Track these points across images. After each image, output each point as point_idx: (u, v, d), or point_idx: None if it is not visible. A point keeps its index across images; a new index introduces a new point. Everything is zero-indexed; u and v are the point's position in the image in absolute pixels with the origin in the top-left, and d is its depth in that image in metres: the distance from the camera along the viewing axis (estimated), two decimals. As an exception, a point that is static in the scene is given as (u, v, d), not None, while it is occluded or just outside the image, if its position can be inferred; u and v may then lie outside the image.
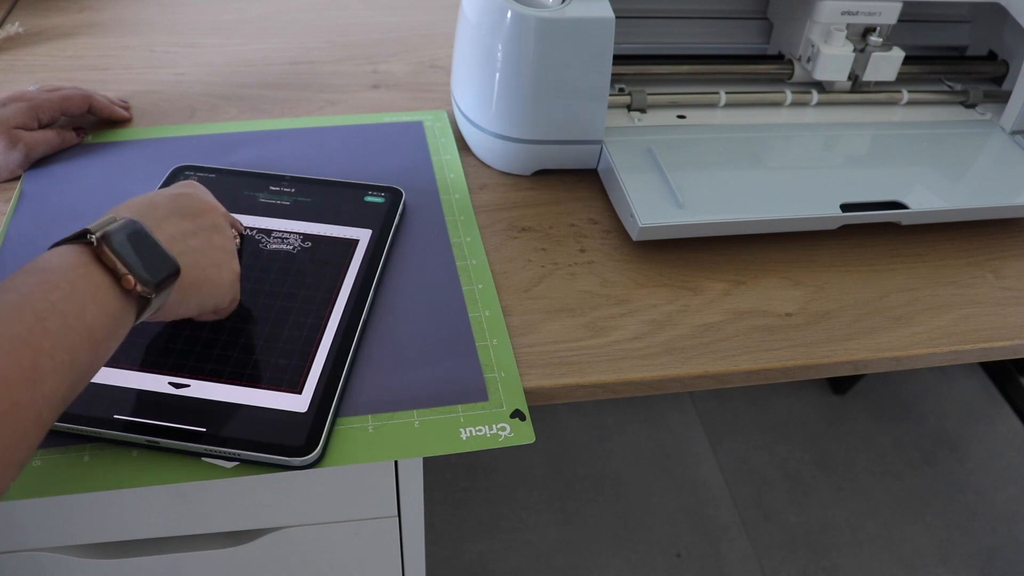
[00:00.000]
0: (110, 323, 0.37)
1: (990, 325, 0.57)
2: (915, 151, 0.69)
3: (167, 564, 0.54)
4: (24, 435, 0.32)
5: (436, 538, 1.23)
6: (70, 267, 0.36)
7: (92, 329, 0.35)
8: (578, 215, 0.63)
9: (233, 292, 0.48)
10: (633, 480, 1.33)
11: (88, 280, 0.36)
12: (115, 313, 0.37)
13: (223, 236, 0.47)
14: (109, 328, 0.37)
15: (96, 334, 0.36)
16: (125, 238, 0.38)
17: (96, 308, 0.36)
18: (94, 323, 0.36)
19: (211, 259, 0.45)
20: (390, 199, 0.61)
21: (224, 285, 0.46)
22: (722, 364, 0.52)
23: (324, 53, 0.81)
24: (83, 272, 0.36)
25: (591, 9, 0.58)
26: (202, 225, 0.45)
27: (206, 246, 0.45)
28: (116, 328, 0.37)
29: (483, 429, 0.47)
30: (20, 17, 0.83)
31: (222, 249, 0.46)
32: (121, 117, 0.68)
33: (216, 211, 0.48)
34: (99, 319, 0.36)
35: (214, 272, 0.45)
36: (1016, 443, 1.45)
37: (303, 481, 0.50)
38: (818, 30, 0.69)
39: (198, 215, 0.46)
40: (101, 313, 0.36)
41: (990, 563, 1.26)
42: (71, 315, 0.35)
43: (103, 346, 0.37)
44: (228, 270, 0.46)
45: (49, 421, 0.34)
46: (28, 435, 0.32)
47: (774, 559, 1.24)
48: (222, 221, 0.48)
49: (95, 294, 0.36)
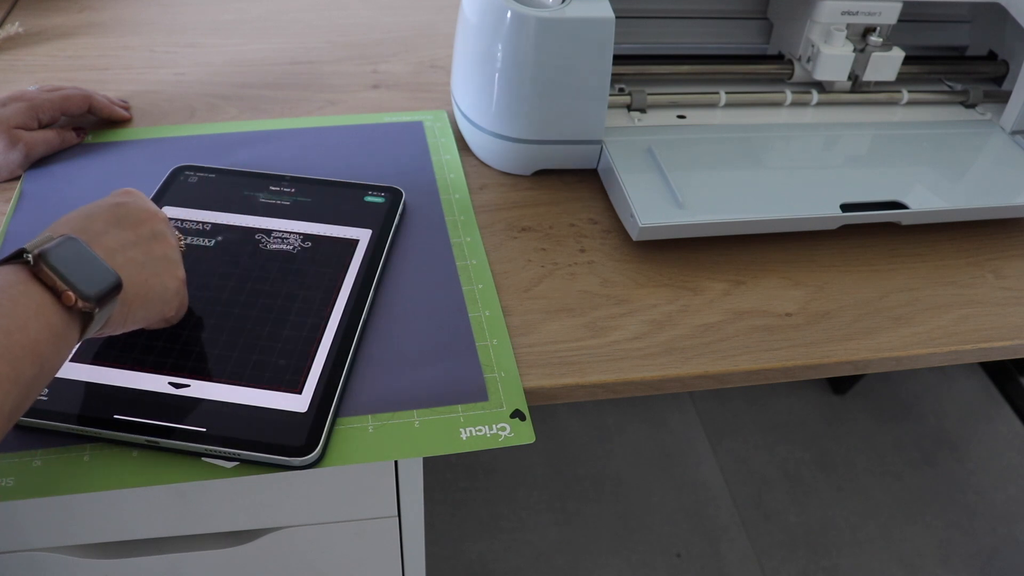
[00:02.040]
0: (53, 339, 0.36)
1: (990, 325, 0.57)
2: (915, 151, 0.69)
3: (167, 564, 0.54)
4: None
5: (436, 538, 1.23)
6: (9, 285, 0.36)
7: (36, 344, 0.35)
8: (578, 215, 0.63)
9: (179, 299, 0.47)
10: (633, 480, 1.33)
11: (28, 297, 0.36)
12: (58, 329, 0.37)
13: (165, 244, 0.46)
14: (53, 344, 0.36)
15: (40, 349, 0.36)
16: (62, 254, 0.38)
17: (39, 324, 0.36)
18: (37, 338, 0.36)
19: (153, 269, 0.44)
20: (390, 199, 0.61)
21: (169, 293, 0.45)
22: (722, 364, 0.52)
23: (324, 53, 0.81)
24: (23, 290, 0.36)
25: (591, 9, 0.58)
26: (142, 235, 0.45)
27: (147, 256, 0.44)
28: (60, 344, 0.37)
29: (483, 429, 0.47)
30: (20, 17, 0.83)
31: (164, 258, 0.45)
32: (121, 117, 0.68)
33: (156, 218, 0.47)
34: (42, 335, 0.36)
35: (157, 282, 0.44)
36: (1016, 443, 1.45)
37: (303, 481, 0.50)
38: (818, 30, 0.69)
39: (137, 225, 0.45)
40: (44, 329, 0.36)
41: (990, 563, 1.26)
42: (14, 330, 0.35)
43: (49, 361, 0.36)
44: (172, 278, 0.46)
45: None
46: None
47: (774, 559, 1.24)
48: (163, 228, 0.47)
49: (36, 311, 0.36)
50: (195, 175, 0.61)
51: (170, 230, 0.48)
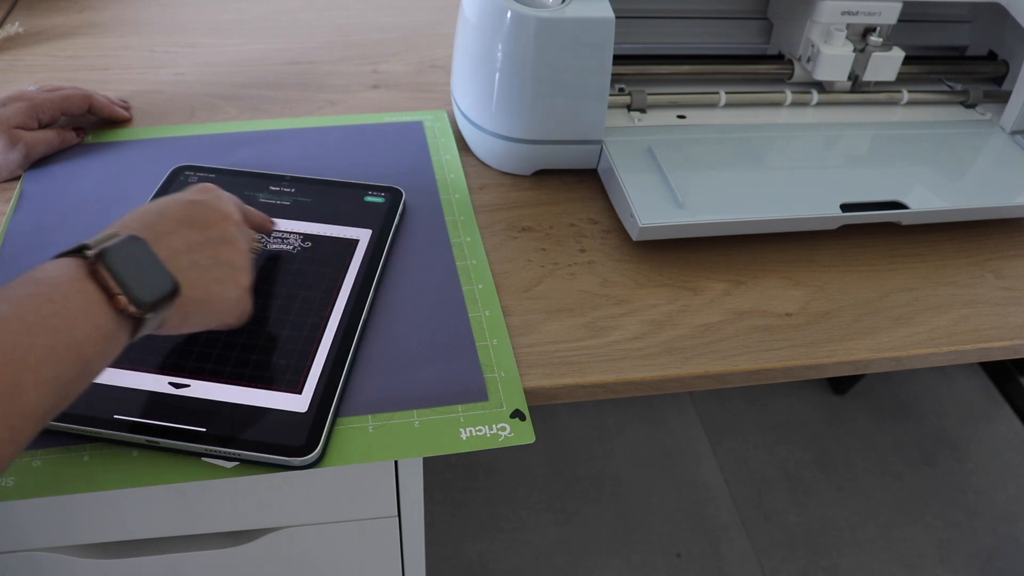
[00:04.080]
0: (101, 340, 0.36)
1: (990, 325, 0.57)
2: (915, 151, 0.69)
3: (167, 564, 0.54)
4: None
5: (436, 538, 1.23)
6: (65, 281, 0.35)
7: (82, 345, 0.35)
8: (578, 215, 0.63)
9: (240, 308, 0.46)
10: (633, 480, 1.33)
11: (82, 295, 0.36)
12: (107, 331, 0.36)
13: (233, 249, 0.45)
14: (100, 345, 0.36)
15: (86, 351, 0.35)
16: (122, 255, 0.37)
17: (87, 325, 0.35)
18: (84, 339, 0.35)
19: (216, 275, 0.43)
20: (390, 199, 0.61)
21: (230, 302, 0.44)
22: (722, 364, 0.52)
23: (324, 53, 0.81)
24: (78, 287, 0.36)
25: (591, 9, 0.58)
26: (211, 238, 0.44)
27: (212, 260, 0.43)
28: (108, 346, 0.37)
29: (483, 429, 0.47)
30: (20, 17, 0.83)
31: (229, 264, 0.44)
32: (121, 117, 0.68)
33: (228, 221, 0.46)
34: (90, 336, 0.35)
35: (219, 289, 0.43)
36: (1016, 443, 1.45)
37: (303, 481, 0.50)
38: (818, 30, 0.69)
39: (208, 226, 0.44)
40: (92, 330, 0.35)
41: (990, 563, 1.26)
42: (61, 330, 0.34)
43: (92, 363, 0.36)
44: (235, 286, 0.45)
45: (26, 437, 0.33)
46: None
47: (774, 559, 1.24)
48: (234, 232, 0.46)
49: (88, 310, 0.35)
50: (195, 175, 0.61)
51: (243, 234, 0.47)
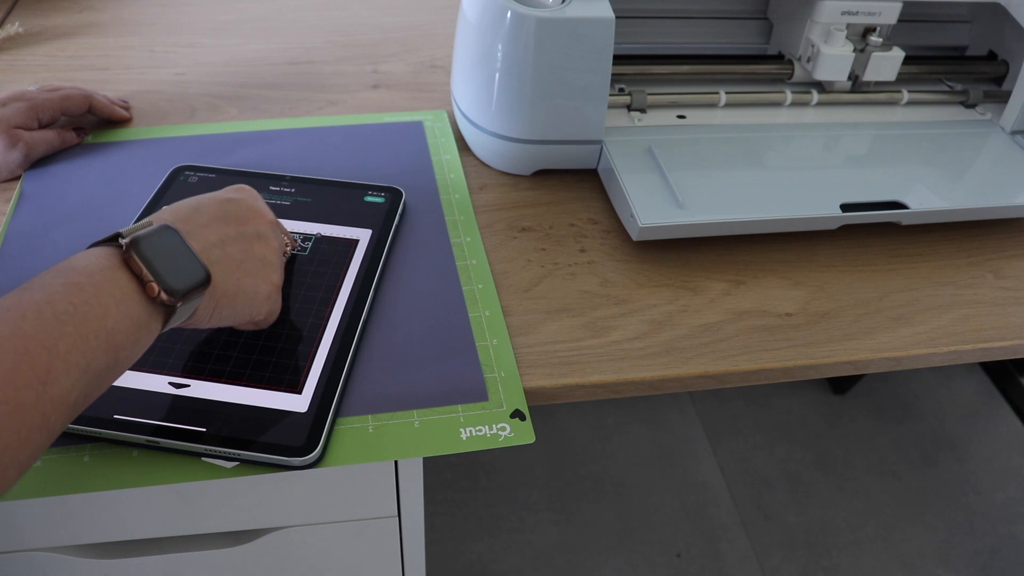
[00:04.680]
0: (133, 329, 0.36)
1: (990, 325, 0.57)
2: (915, 151, 0.69)
3: (167, 564, 0.54)
4: (27, 438, 0.32)
5: (436, 538, 1.23)
6: (97, 269, 0.36)
7: (113, 334, 0.35)
8: (578, 215, 0.63)
9: (270, 305, 0.46)
10: (633, 480, 1.33)
11: (114, 284, 0.36)
12: (139, 319, 0.37)
13: (266, 246, 0.45)
14: (132, 334, 0.36)
15: (117, 339, 0.35)
16: (155, 244, 0.38)
17: (119, 313, 0.35)
18: (115, 328, 0.35)
19: (248, 269, 0.43)
20: (390, 199, 0.61)
21: (260, 297, 0.45)
22: (722, 364, 0.52)
23: (324, 53, 0.81)
24: (109, 276, 0.36)
25: (591, 9, 0.58)
26: (245, 233, 0.44)
27: (245, 255, 0.44)
28: (140, 334, 0.37)
29: (483, 429, 0.47)
30: (20, 17, 0.83)
31: (261, 260, 0.45)
32: (121, 117, 0.68)
33: (262, 218, 0.46)
34: (121, 324, 0.35)
35: (249, 283, 0.44)
36: (1016, 443, 1.45)
37: (303, 481, 0.50)
38: (818, 30, 0.69)
39: (242, 222, 0.44)
40: (124, 318, 0.36)
41: (990, 563, 1.26)
42: (92, 318, 0.34)
43: (124, 352, 0.36)
44: (266, 282, 0.45)
45: (58, 425, 0.33)
46: (31, 438, 0.32)
47: (774, 559, 1.24)
48: (267, 230, 0.46)
49: (120, 298, 0.36)
50: (195, 175, 0.61)
51: (276, 233, 0.47)
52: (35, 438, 0.32)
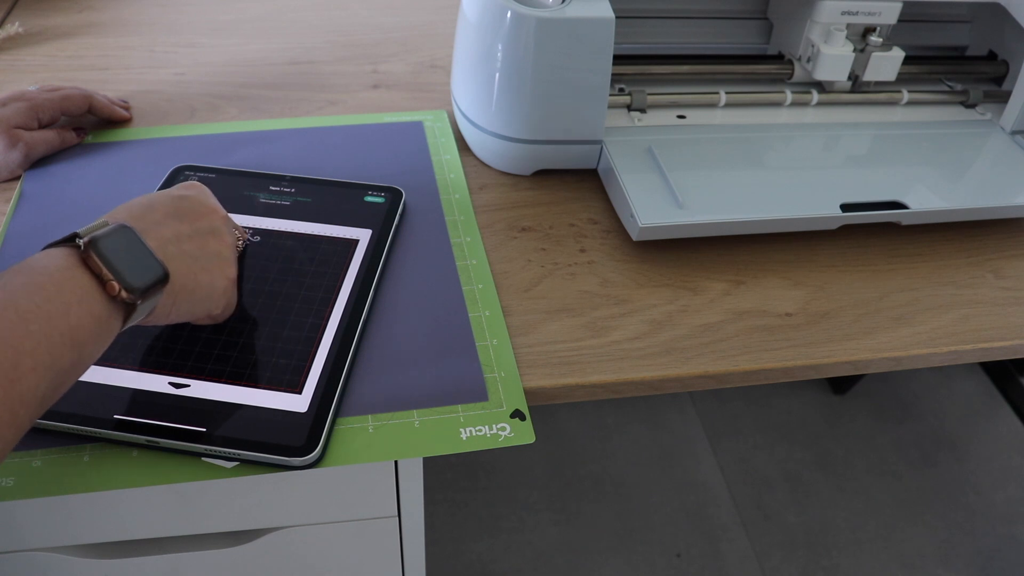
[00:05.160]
0: (95, 326, 0.37)
1: (990, 325, 0.57)
2: (915, 151, 0.69)
3: (167, 564, 0.54)
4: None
5: (436, 538, 1.23)
6: (56, 269, 0.36)
7: (76, 330, 0.35)
8: (578, 215, 0.63)
9: (227, 299, 0.47)
10: (633, 480, 1.33)
11: (74, 283, 0.36)
12: (100, 317, 0.37)
13: (220, 241, 0.46)
14: (94, 331, 0.37)
15: (80, 336, 0.36)
16: (113, 243, 0.38)
17: (81, 311, 0.36)
18: (78, 325, 0.36)
19: (204, 265, 0.44)
20: (390, 199, 0.61)
21: (217, 291, 0.45)
22: (722, 364, 0.52)
23: (324, 53, 0.81)
24: (69, 275, 0.36)
25: (591, 9, 0.58)
26: (199, 229, 0.45)
27: (200, 251, 0.44)
28: (101, 332, 0.37)
29: (483, 429, 0.47)
30: (20, 17, 0.83)
31: (216, 255, 0.45)
32: (121, 117, 0.68)
33: (215, 214, 0.47)
34: (84, 322, 0.36)
35: (206, 278, 0.44)
36: (1016, 443, 1.45)
37: (303, 481, 0.50)
38: (818, 30, 0.69)
39: (196, 218, 0.45)
40: (86, 316, 0.36)
41: (990, 563, 1.26)
42: (55, 316, 0.35)
43: (87, 348, 0.36)
44: (221, 276, 0.46)
45: (26, 421, 0.34)
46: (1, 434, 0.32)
47: (774, 559, 1.24)
48: (221, 225, 0.47)
49: (81, 297, 0.36)
50: (195, 175, 0.61)
51: (228, 228, 0.48)
52: (5, 434, 0.32)
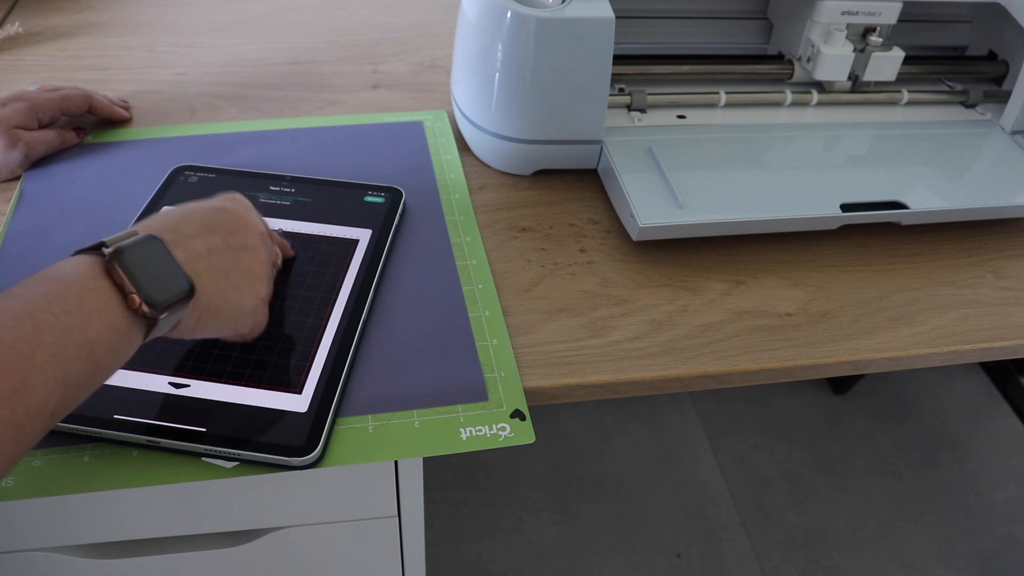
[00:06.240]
0: (114, 339, 0.36)
1: (990, 325, 0.57)
2: (915, 151, 0.69)
3: (167, 564, 0.54)
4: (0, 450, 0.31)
5: (436, 538, 1.23)
6: (79, 278, 0.36)
7: (93, 344, 0.35)
8: (578, 215, 0.63)
9: (256, 318, 0.46)
10: (633, 480, 1.33)
11: (95, 294, 0.36)
12: (120, 330, 0.36)
13: (253, 258, 0.45)
14: (112, 344, 0.36)
15: (97, 349, 0.35)
16: (139, 255, 0.37)
17: (100, 323, 0.35)
18: (96, 338, 0.35)
19: (234, 282, 0.43)
20: (390, 199, 0.61)
21: (246, 310, 0.44)
22: (722, 364, 0.52)
23: (324, 53, 0.81)
24: (92, 285, 0.36)
25: (591, 9, 0.58)
26: (232, 244, 0.43)
27: (232, 267, 0.43)
28: (120, 345, 0.37)
29: (483, 429, 0.47)
30: (20, 17, 0.83)
31: (248, 272, 0.44)
32: (121, 117, 0.68)
33: (252, 229, 0.45)
34: (102, 334, 0.35)
35: (235, 296, 0.43)
36: (1016, 443, 1.45)
37: (303, 481, 0.50)
38: (818, 30, 0.69)
39: (231, 232, 0.44)
40: (105, 329, 0.35)
41: (990, 563, 1.26)
42: (72, 329, 0.34)
43: (104, 362, 0.36)
44: (252, 295, 0.44)
45: (33, 436, 0.33)
46: (4, 450, 0.31)
47: (774, 559, 1.24)
48: (257, 241, 0.45)
49: (101, 309, 0.35)
50: (195, 175, 0.61)
51: (265, 245, 0.46)
52: (8, 450, 0.32)
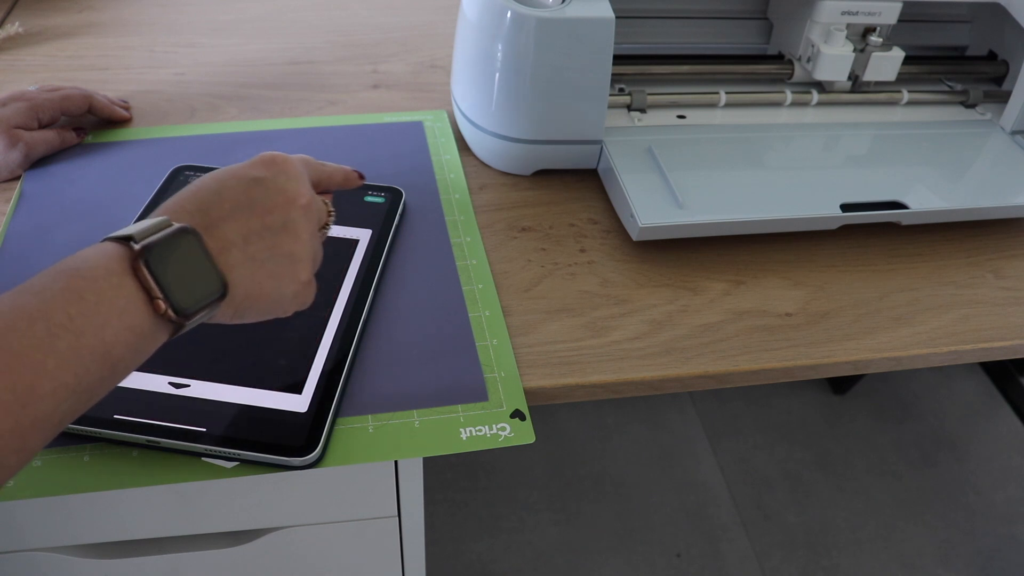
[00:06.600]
0: (134, 341, 0.33)
1: (990, 325, 0.57)
2: (915, 151, 0.69)
3: (167, 564, 0.54)
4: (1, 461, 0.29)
5: (436, 538, 1.23)
6: (103, 274, 0.33)
7: (110, 347, 0.32)
8: (578, 215, 0.63)
9: (299, 302, 0.42)
10: (633, 480, 1.33)
11: (117, 293, 0.33)
12: (142, 332, 0.34)
13: (294, 239, 0.40)
14: (132, 346, 0.33)
15: (115, 352, 0.32)
16: (167, 255, 0.34)
17: (120, 325, 0.33)
18: (114, 340, 0.32)
19: (271, 269, 0.39)
20: (390, 199, 0.61)
21: (285, 298, 0.40)
22: (722, 364, 0.52)
23: (324, 53, 0.81)
24: (115, 282, 0.33)
25: (591, 9, 0.58)
26: (270, 225, 0.39)
27: (269, 253, 0.39)
28: (141, 347, 0.34)
29: (483, 429, 0.47)
30: (20, 17, 0.83)
31: (288, 256, 0.40)
32: (121, 117, 0.68)
33: (292, 205, 0.40)
34: (121, 336, 0.33)
35: (272, 285, 0.39)
36: (1016, 443, 1.45)
37: (303, 481, 0.50)
38: (818, 30, 0.69)
39: (269, 211, 0.39)
40: (124, 331, 0.33)
41: (990, 563, 1.26)
42: (88, 332, 0.31)
43: (121, 365, 0.33)
44: (291, 281, 0.40)
45: (38, 444, 0.31)
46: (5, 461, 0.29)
47: (774, 559, 1.24)
48: (298, 216, 0.41)
49: (123, 309, 0.33)
50: (195, 175, 0.61)
51: (307, 218, 0.41)
52: (9, 461, 0.30)
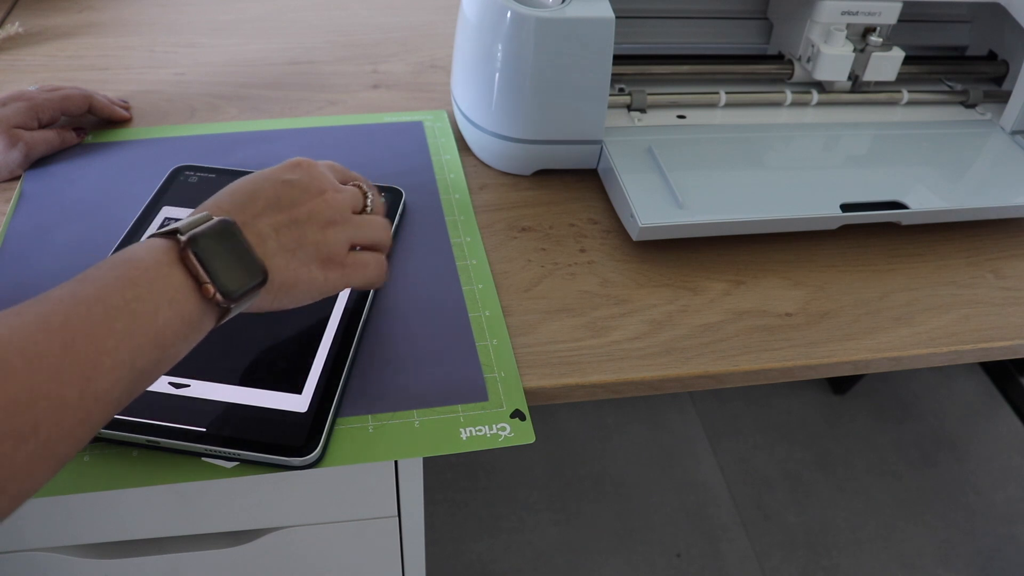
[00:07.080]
0: (183, 327, 0.36)
1: (990, 325, 0.57)
2: (915, 151, 0.69)
3: (167, 564, 0.54)
4: (69, 432, 0.32)
5: (436, 538, 1.23)
6: (153, 265, 0.36)
7: (162, 331, 0.35)
8: (578, 215, 0.63)
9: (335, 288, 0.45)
10: (633, 480, 1.33)
11: (167, 281, 0.36)
12: (191, 318, 0.37)
13: (318, 229, 0.44)
14: (182, 332, 0.36)
15: (166, 337, 0.35)
16: (213, 243, 0.37)
17: (171, 311, 0.35)
18: (165, 325, 0.35)
19: (302, 259, 0.42)
20: (390, 199, 0.61)
21: (317, 284, 0.44)
22: (722, 364, 0.52)
23: (324, 53, 0.81)
24: (165, 272, 0.36)
25: (591, 9, 0.58)
26: (298, 218, 0.43)
27: (298, 243, 0.42)
28: (190, 333, 0.37)
29: (483, 429, 0.47)
30: (20, 17, 0.83)
31: (316, 245, 0.43)
32: (121, 117, 0.68)
33: (319, 199, 0.44)
34: (172, 322, 0.35)
35: (305, 273, 0.43)
36: (1016, 443, 1.45)
37: (303, 481, 0.50)
38: (818, 30, 0.69)
39: (296, 205, 0.43)
40: (175, 317, 0.36)
41: (990, 563, 1.26)
42: (142, 315, 0.34)
43: (172, 349, 0.36)
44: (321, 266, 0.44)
45: (100, 420, 0.33)
46: (73, 432, 0.32)
47: (774, 559, 1.24)
48: (321, 208, 0.44)
49: (173, 296, 0.36)
50: (195, 175, 0.61)
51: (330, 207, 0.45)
52: (77, 432, 0.32)
